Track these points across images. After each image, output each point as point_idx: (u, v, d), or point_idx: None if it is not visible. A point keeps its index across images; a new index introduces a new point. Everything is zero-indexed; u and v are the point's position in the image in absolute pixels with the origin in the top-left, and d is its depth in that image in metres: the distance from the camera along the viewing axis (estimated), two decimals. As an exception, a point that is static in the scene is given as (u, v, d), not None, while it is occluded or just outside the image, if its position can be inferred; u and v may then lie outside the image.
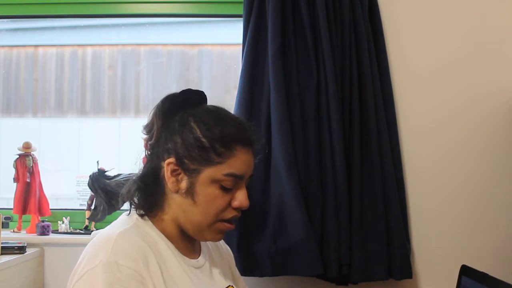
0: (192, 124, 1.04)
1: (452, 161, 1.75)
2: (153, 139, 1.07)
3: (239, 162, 1.04)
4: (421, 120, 1.76)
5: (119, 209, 1.76)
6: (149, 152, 1.10)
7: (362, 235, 1.61)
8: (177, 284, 1.01)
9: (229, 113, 1.10)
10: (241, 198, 1.06)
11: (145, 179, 1.07)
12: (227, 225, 1.08)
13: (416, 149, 1.75)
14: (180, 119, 1.05)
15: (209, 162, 1.02)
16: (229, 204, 1.06)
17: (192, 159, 1.03)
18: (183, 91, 1.09)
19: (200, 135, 1.03)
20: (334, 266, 1.55)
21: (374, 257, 1.59)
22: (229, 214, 1.07)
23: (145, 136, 1.11)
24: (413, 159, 1.75)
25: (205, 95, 1.13)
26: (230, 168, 1.03)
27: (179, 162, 1.03)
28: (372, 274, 1.60)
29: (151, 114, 1.09)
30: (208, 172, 1.03)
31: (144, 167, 1.10)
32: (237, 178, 1.05)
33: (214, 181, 1.03)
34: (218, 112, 1.08)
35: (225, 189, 1.04)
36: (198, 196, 1.03)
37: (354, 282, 1.63)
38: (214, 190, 1.03)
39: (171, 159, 1.04)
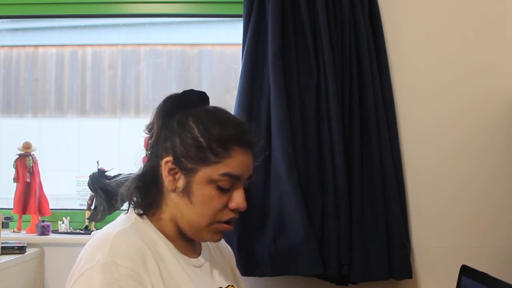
0: (191, 124, 1.04)
1: (452, 161, 1.75)
2: (153, 138, 1.08)
3: (236, 162, 1.04)
4: (421, 120, 1.76)
5: (119, 209, 1.76)
6: (149, 152, 1.10)
7: (362, 235, 1.61)
8: (176, 283, 1.01)
9: (229, 114, 1.10)
10: (238, 199, 1.05)
11: (144, 178, 1.08)
12: (225, 225, 1.07)
13: (416, 149, 1.75)
14: (180, 119, 1.06)
15: (206, 162, 1.02)
16: (226, 205, 1.05)
17: (189, 159, 1.03)
18: (184, 91, 1.10)
19: (198, 135, 1.03)
20: (334, 266, 1.55)
21: (374, 257, 1.59)
22: (226, 215, 1.06)
23: (146, 136, 1.11)
24: (413, 159, 1.75)
25: (207, 96, 1.13)
26: (226, 168, 1.03)
27: (177, 161, 1.03)
28: (372, 274, 1.60)
29: (152, 114, 1.09)
30: (204, 172, 1.03)
31: (144, 166, 1.11)
32: (233, 179, 1.04)
33: (211, 181, 1.03)
34: (218, 113, 1.08)
35: (222, 190, 1.04)
36: (194, 196, 1.03)
37: (354, 282, 1.63)
38: (210, 191, 1.03)
39: (169, 158, 1.04)
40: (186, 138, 1.03)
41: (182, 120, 1.05)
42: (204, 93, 1.13)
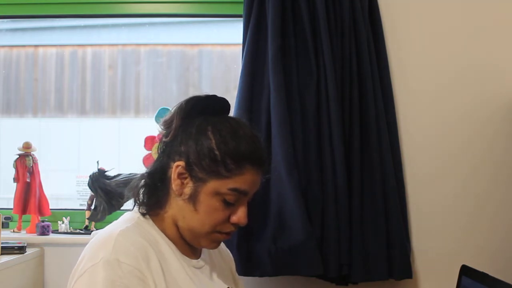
0: (209, 133, 1.04)
1: (452, 161, 1.75)
2: (168, 137, 1.07)
3: (246, 180, 1.05)
4: (421, 119, 1.76)
5: (119, 209, 1.76)
6: (161, 149, 1.10)
7: (362, 235, 1.60)
8: (178, 283, 1.01)
9: (248, 129, 1.09)
10: (240, 214, 1.06)
11: (152, 176, 1.08)
12: (224, 236, 1.09)
13: (416, 149, 1.75)
14: (199, 125, 1.05)
15: (217, 175, 1.03)
16: (228, 218, 1.06)
17: (201, 168, 1.03)
18: (208, 96, 1.09)
19: (214, 147, 1.03)
20: (334, 266, 1.55)
21: (374, 257, 1.59)
22: (226, 228, 1.07)
23: (161, 132, 1.11)
24: (413, 159, 1.75)
25: (229, 105, 1.12)
26: (235, 184, 1.03)
27: (188, 168, 1.03)
28: (372, 274, 1.60)
29: (172, 111, 1.09)
30: (213, 184, 1.03)
31: (154, 163, 1.11)
32: (240, 194, 1.05)
33: (218, 193, 1.03)
34: (236, 127, 1.07)
35: (227, 203, 1.04)
36: (200, 205, 1.04)
37: (354, 282, 1.63)
38: (215, 202, 1.04)
39: (181, 162, 1.04)
40: (201, 147, 1.03)
41: (201, 127, 1.05)
42: (226, 101, 1.12)
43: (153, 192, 1.07)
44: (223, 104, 1.11)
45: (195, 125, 1.05)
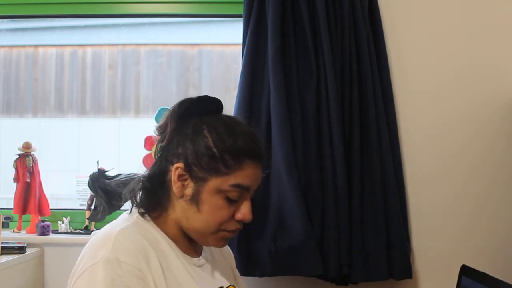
0: (205, 132, 1.04)
1: (452, 161, 1.75)
2: (164, 141, 1.08)
3: (247, 175, 1.05)
4: (421, 120, 1.76)
5: (119, 209, 1.76)
6: (158, 154, 1.10)
7: (362, 235, 1.60)
8: (178, 281, 1.01)
9: (243, 125, 1.10)
10: (244, 211, 1.07)
11: (151, 179, 1.08)
12: (230, 233, 1.09)
13: (416, 149, 1.75)
14: (194, 126, 1.06)
15: (217, 172, 1.03)
16: (232, 216, 1.06)
17: (201, 167, 1.03)
18: (200, 97, 1.10)
19: (212, 145, 1.03)
20: (334, 266, 1.55)
21: (374, 257, 1.59)
22: (232, 226, 1.08)
23: (157, 136, 1.11)
24: (413, 159, 1.75)
25: (222, 104, 1.13)
26: (236, 180, 1.04)
27: (187, 168, 1.04)
28: (372, 274, 1.59)
29: (165, 115, 1.09)
30: (214, 182, 1.03)
31: (152, 167, 1.11)
32: (243, 190, 1.05)
33: (220, 191, 1.04)
34: (232, 124, 1.08)
35: (230, 201, 1.05)
36: (203, 205, 1.04)
37: (354, 282, 1.63)
38: (218, 200, 1.04)
39: (180, 164, 1.04)
40: (199, 147, 1.03)
41: (197, 127, 1.05)
42: (219, 100, 1.12)
43: (152, 195, 1.07)
44: (216, 104, 1.12)
45: (191, 126, 1.06)
